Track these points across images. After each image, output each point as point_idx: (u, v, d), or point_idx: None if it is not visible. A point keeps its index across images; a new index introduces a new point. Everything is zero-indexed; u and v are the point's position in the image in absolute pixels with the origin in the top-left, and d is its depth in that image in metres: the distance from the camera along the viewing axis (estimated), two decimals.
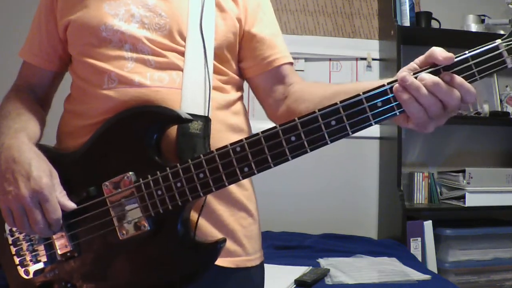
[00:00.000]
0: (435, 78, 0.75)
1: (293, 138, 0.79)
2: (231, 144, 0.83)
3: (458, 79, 0.75)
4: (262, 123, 1.13)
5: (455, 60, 0.75)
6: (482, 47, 0.75)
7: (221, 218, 0.97)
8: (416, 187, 2.79)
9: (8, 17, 2.60)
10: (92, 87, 0.95)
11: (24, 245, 0.94)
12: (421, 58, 0.80)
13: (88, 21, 0.96)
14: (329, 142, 0.78)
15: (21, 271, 0.94)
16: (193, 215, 0.91)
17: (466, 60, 0.75)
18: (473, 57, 0.75)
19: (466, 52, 0.75)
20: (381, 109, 0.77)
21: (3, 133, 0.93)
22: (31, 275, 0.93)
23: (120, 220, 0.88)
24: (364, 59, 2.90)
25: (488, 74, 0.75)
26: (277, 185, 2.57)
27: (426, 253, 2.55)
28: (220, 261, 0.94)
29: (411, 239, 2.53)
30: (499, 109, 2.87)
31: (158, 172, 0.86)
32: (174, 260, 0.88)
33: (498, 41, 0.75)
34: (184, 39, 0.98)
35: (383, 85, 0.77)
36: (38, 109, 1.04)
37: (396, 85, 0.77)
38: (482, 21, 2.80)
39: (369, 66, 2.90)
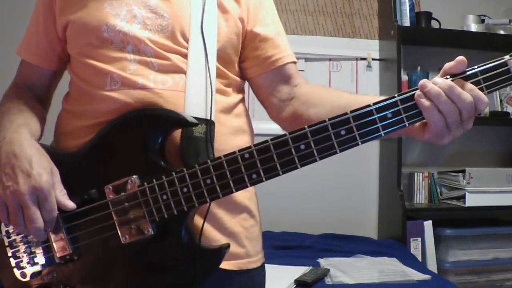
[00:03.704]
0: (449, 82, 0.77)
1: (302, 147, 0.79)
2: (239, 150, 0.82)
3: (469, 85, 0.77)
4: (262, 124, 1.13)
5: (465, 74, 0.77)
6: (491, 62, 0.76)
7: (223, 221, 0.97)
8: (416, 187, 2.79)
9: (7, 14, 2.59)
10: (93, 88, 0.94)
11: (22, 247, 0.93)
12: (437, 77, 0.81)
13: (89, 21, 0.95)
14: (338, 152, 0.79)
15: (17, 273, 0.93)
16: (197, 220, 0.90)
17: (475, 75, 0.76)
18: (482, 72, 0.76)
19: (475, 67, 0.77)
20: (391, 120, 0.78)
21: (5, 127, 0.92)
22: (28, 278, 0.92)
23: (123, 224, 0.87)
24: (364, 59, 2.90)
25: (496, 89, 0.77)
26: (277, 185, 2.54)
27: (426, 253, 2.55)
28: (223, 264, 0.92)
29: (411, 239, 2.53)
30: (499, 109, 2.87)
31: (163, 177, 0.85)
32: (177, 265, 0.88)
33: (507, 57, 0.76)
34: (186, 40, 0.97)
35: (393, 97, 0.78)
36: (39, 107, 1.03)
37: (418, 92, 0.78)
38: (482, 21, 2.80)
39: (369, 66, 2.90)
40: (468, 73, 0.77)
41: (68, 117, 1.00)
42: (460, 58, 0.78)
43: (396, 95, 0.78)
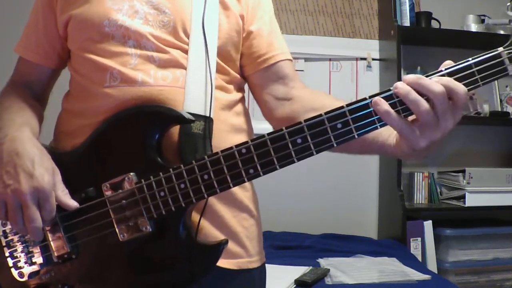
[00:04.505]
0: (418, 75, 0.75)
1: (299, 141, 0.79)
2: (236, 145, 0.82)
3: (444, 78, 0.74)
4: (262, 124, 1.12)
5: (459, 66, 0.76)
6: (485, 54, 0.75)
7: (223, 219, 0.96)
8: (416, 187, 2.79)
9: (7, 14, 2.59)
10: (93, 85, 0.94)
11: (19, 247, 0.92)
12: None
13: (90, 16, 0.95)
14: (335, 145, 0.78)
15: (15, 273, 0.92)
16: (194, 216, 0.90)
17: (469, 66, 0.75)
18: (476, 64, 0.75)
19: (470, 59, 0.76)
20: None
21: (6, 125, 0.92)
22: (26, 278, 0.92)
23: (121, 221, 0.86)
24: (364, 59, 2.91)
25: (490, 80, 0.76)
26: (277, 185, 2.56)
27: (426, 253, 2.55)
28: (222, 263, 0.93)
29: (411, 239, 2.53)
30: (499, 109, 2.87)
31: (161, 173, 0.85)
32: (175, 262, 0.87)
33: (500, 49, 0.75)
34: (188, 36, 0.97)
35: (389, 89, 0.77)
36: (37, 106, 1.03)
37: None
38: (482, 21, 2.81)
39: (369, 66, 2.90)
40: (463, 65, 0.76)
41: (69, 117, 1.00)
42: (447, 63, 0.77)
43: (391, 88, 0.77)
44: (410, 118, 0.77)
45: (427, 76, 0.76)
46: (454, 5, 2.94)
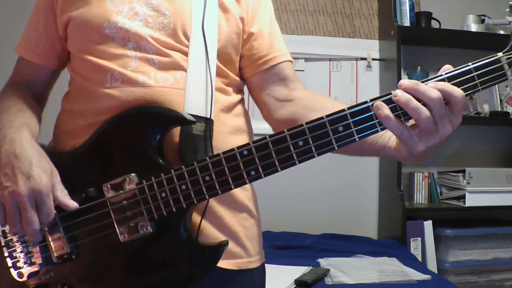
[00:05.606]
0: (414, 81, 0.75)
1: (300, 143, 0.79)
2: (238, 147, 0.82)
3: (441, 83, 0.75)
4: (262, 124, 1.13)
5: (459, 71, 0.76)
6: (485, 59, 0.76)
7: (223, 220, 0.97)
8: (416, 187, 2.79)
9: (7, 14, 2.59)
10: (93, 86, 0.94)
11: (18, 247, 0.92)
12: None
13: (90, 18, 0.95)
14: (336, 148, 0.79)
15: (14, 273, 0.92)
16: (195, 217, 0.90)
17: (469, 71, 0.76)
18: (476, 68, 0.76)
19: (469, 63, 0.76)
20: None
21: (5, 126, 0.92)
22: (25, 278, 0.92)
23: (121, 222, 0.86)
24: (364, 59, 2.90)
25: (490, 85, 0.76)
26: (277, 185, 2.56)
27: (426, 253, 2.55)
28: (222, 263, 0.93)
29: (411, 239, 2.53)
30: (499, 109, 2.87)
31: (162, 174, 0.85)
32: (176, 262, 0.87)
33: (500, 54, 0.76)
34: (188, 39, 0.97)
35: (390, 93, 0.77)
36: (36, 106, 1.03)
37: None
38: (482, 21, 2.80)
39: (369, 66, 2.90)
40: (463, 69, 0.76)
41: (69, 117, 1.00)
42: (446, 67, 0.77)
43: (392, 91, 0.77)
44: (410, 121, 0.77)
45: (427, 81, 0.77)
46: (454, 5, 2.94)
